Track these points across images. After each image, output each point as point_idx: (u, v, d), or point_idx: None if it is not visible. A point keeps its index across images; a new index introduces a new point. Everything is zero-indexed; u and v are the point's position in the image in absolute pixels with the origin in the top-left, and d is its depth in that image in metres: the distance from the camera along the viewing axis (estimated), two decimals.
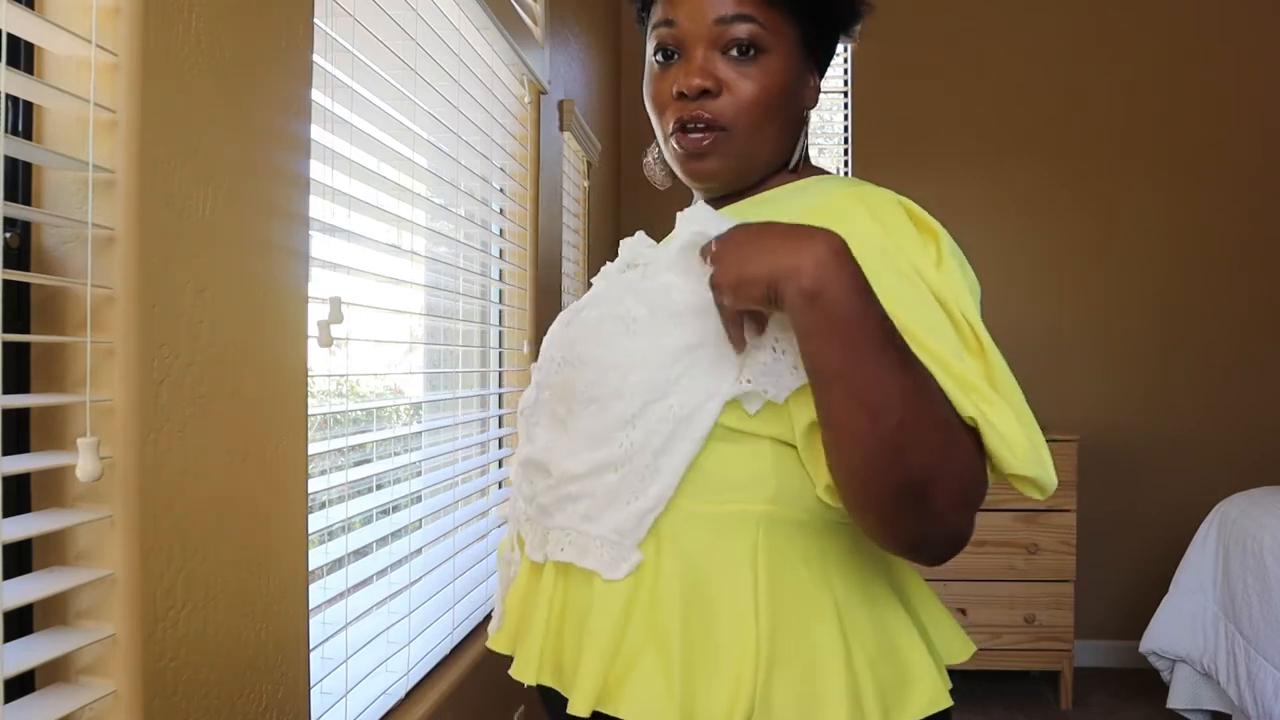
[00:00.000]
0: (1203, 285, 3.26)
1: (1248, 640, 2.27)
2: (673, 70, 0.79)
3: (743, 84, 0.77)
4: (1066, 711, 2.87)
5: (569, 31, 2.59)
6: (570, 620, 0.80)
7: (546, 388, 0.84)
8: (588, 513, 0.78)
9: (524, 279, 2.18)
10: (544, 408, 0.84)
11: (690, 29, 0.76)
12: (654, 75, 0.81)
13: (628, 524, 0.75)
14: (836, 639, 0.73)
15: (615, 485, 0.76)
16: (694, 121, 0.77)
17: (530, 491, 0.84)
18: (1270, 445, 3.23)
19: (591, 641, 0.75)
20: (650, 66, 0.81)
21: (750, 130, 0.78)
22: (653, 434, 0.74)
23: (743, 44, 0.76)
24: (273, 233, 1.04)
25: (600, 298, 0.83)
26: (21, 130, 0.81)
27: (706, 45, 0.77)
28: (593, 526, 0.77)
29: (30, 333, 0.81)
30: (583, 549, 0.78)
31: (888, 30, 3.20)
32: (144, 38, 0.81)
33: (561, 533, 0.80)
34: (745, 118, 0.77)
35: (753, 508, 0.76)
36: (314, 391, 1.18)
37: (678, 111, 0.78)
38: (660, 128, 0.82)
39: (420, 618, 1.59)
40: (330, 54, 1.25)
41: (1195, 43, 3.26)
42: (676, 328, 0.75)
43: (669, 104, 0.79)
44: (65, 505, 0.82)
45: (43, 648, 0.77)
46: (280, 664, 1.07)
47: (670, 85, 0.78)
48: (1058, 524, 2.83)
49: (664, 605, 0.74)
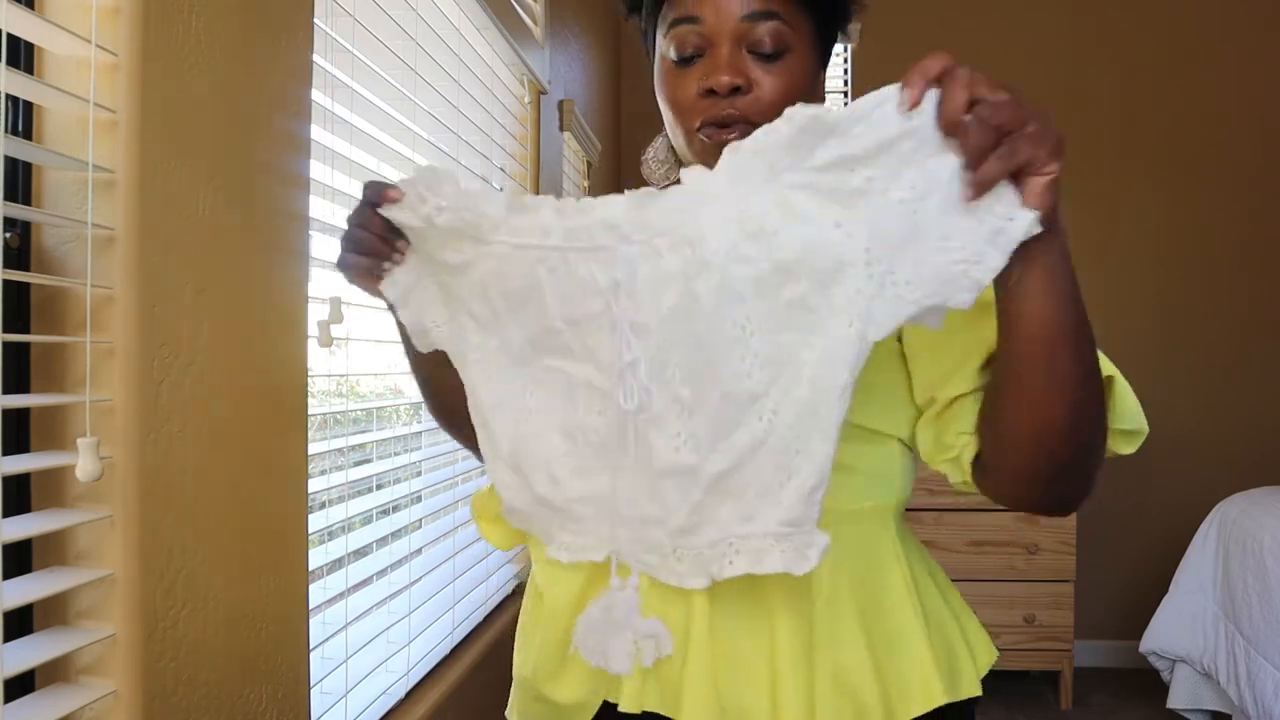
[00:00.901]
0: (1202, 285, 3.26)
1: (1248, 640, 2.27)
2: (696, 68, 0.77)
3: (769, 81, 0.75)
4: (1066, 711, 2.87)
5: (569, 31, 2.59)
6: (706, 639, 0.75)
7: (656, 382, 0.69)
8: (744, 513, 0.68)
9: None
10: (664, 405, 0.69)
11: (716, 26, 0.75)
12: (672, 74, 0.78)
13: (796, 509, 0.66)
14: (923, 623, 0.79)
15: (763, 473, 0.67)
16: (729, 124, 0.76)
17: (659, 513, 0.70)
18: (1270, 445, 3.23)
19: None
20: (666, 65, 0.79)
21: None
22: (789, 403, 0.65)
23: (768, 42, 0.75)
24: (273, 233, 1.04)
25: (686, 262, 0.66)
26: (21, 130, 0.81)
27: (732, 43, 0.75)
28: (755, 525, 0.68)
29: (30, 333, 0.81)
30: (758, 553, 0.68)
31: (888, 30, 3.20)
32: (144, 38, 0.81)
33: (723, 545, 0.69)
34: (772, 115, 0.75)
35: (885, 503, 0.80)
36: (314, 391, 1.18)
37: (707, 110, 0.76)
38: (681, 126, 0.79)
39: (420, 618, 1.59)
40: (330, 54, 1.25)
41: (1195, 43, 3.26)
42: (791, 277, 0.63)
43: (694, 103, 0.77)
44: (65, 505, 0.82)
45: (43, 648, 0.77)
46: (280, 664, 1.07)
47: (694, 83, 0.76)
48: (1058, 524, 2.83)
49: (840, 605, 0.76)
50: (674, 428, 0.68)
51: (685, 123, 0.78)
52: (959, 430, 0.74)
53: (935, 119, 0.57)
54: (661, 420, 0.68)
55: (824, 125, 0.60)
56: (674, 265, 0.65)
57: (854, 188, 0.61)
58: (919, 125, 0.58)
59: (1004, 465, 0.71)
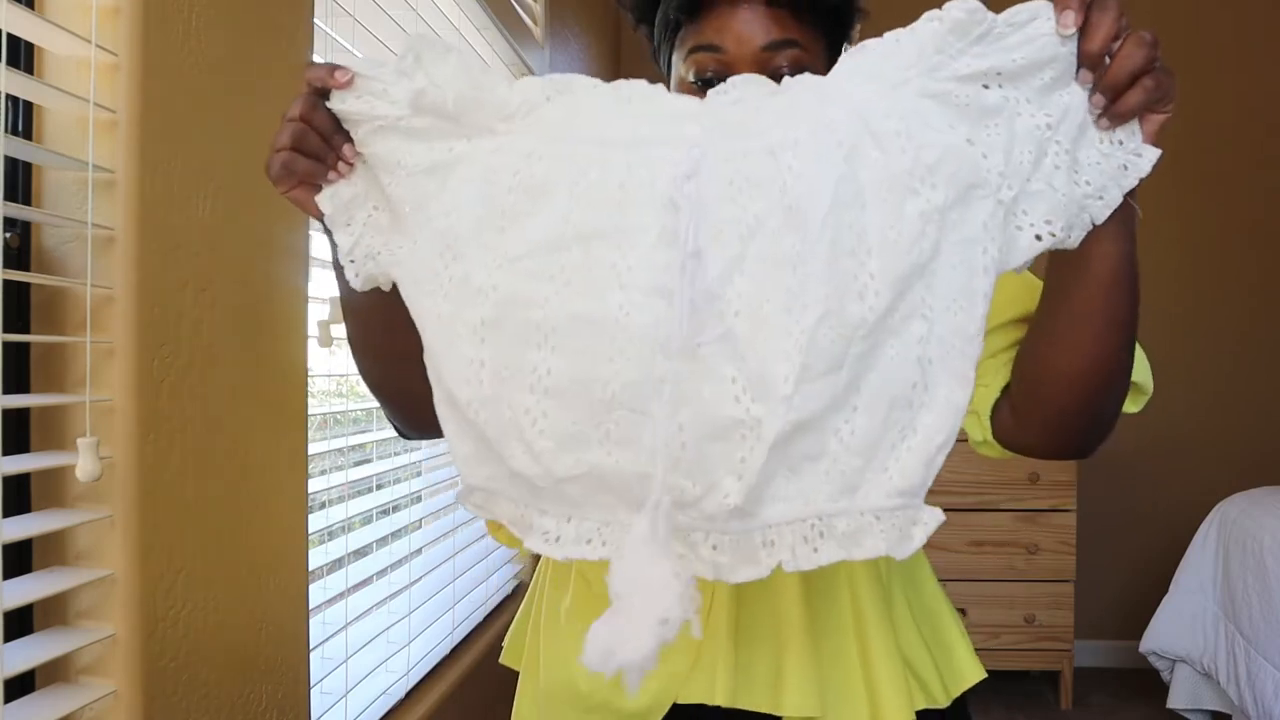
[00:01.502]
0: (1203, 285, 3.26)
1: (1248, 640, 2.27)
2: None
3: None
4: (1066, 711, 2.87)
5: (569, 31, 2.59)
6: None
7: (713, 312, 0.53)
8: (840, 484, 0.54)
9: None
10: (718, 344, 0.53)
11: (737, 54, 0.75)
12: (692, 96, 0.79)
13: (913, 475, 0.55)
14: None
15: (868, 431, 0.54)
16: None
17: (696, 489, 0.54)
18: (1270, 445, 3.22)
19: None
20: (685, 87, 0.78)
21: None
22: (909, 338, 0.54)
23: (786, 68, 0.74)
24: (273, 233, 1.04)
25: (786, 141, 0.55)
26: (21, 130, 0.81)
27: (751, 69, 0.74)
28: (855, 499, 0.54)
29: (30, 333, 0.81)
30: (852, 535, 0.55)
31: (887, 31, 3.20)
32: (144, 38, 0.81)
33: (797, 526, 0.55)
34: None
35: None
36: (314, 391, 1.18)
37: None
38: None
39: (420, 618, 1.59)
40: (330, 54, 1.25)
41: (1198, 42, 3.26)
42: (924, 186, 0.53)
43: None
44: (65, 505, 0.82)
45: (43, 648, 0.77)
46: (280, 664, 1.07)
47: None
48: (1058, 524, 2.83)
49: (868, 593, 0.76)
50: (729, 371, 0.53)
51: None
52: (982, 384, 0.73)
53: (1076, 46, 0.55)
54: (713, 362, 0.53)
55: (980, 28, 0.54)
56: (767, 169, 0.53)
57: (989, 105, 0.55)
58: (1066, 51, 0.55)
59: (1040, 408, 0.70)
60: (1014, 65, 0.54)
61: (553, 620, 0.81)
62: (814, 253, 0.52)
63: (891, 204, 0.53)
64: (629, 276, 0.53)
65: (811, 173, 0.53)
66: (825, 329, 0.52)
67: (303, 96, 0.59)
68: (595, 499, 0.56)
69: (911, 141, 0.54)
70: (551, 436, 0.55)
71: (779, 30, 0.74)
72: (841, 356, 0.52)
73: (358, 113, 0.57)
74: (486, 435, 0.57)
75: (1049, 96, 0.56)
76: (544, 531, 0.58)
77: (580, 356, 0.54)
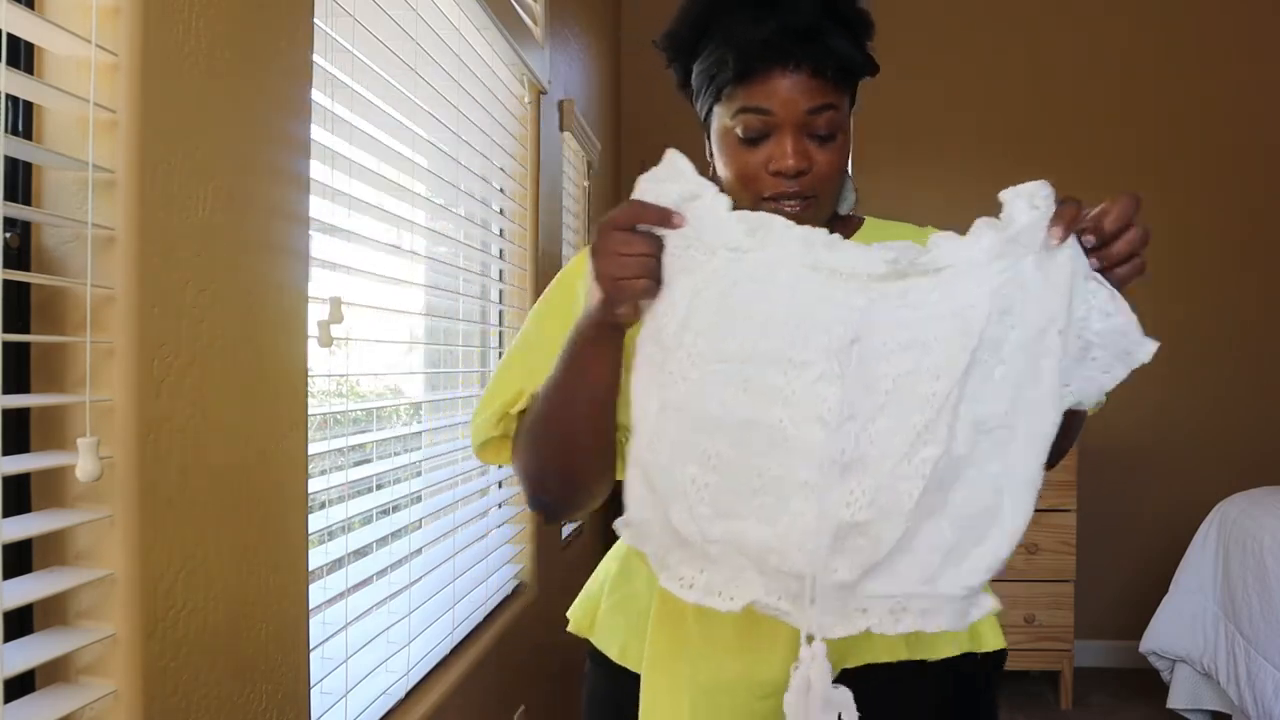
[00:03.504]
0: (1203, 285, 3.26)
1: (1248, 640, 2.27)
2: (763, 149, 0.88)
3: (825, 159, 0.88)
4: (1066, 711, 2.87)
5: (569, 31, 2.59)
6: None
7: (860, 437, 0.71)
8: (923, 575, 0.71)
9: (524, 279, 2.18)
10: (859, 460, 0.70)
11: (784, 116, 0.85)
12: (738, 149, 0.89)
13: (978, 577, 0.72)
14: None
15: (952, 535, 0.71)
16: (794, 197, 0.88)
17: (813, 568, 0.71)
18: (1270, 445, 3.23)
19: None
20: (731, 140, 0.89)
21: (831, 194, 0.92)
22: (990, 474, 0.71)
23: (825, 129, 0.87)
24: (273, 233, 1.04)
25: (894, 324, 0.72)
26: (21, 130, 0.81)
27: (794, 131, 0.86)
28: (937, 586, 0.71)
29: (30, 333, 0.81)
30: (928, 613, 0.72)
31: (887, 31, 3.20)
32: (144, 38, 0.81)
33: (887, 601, 0.71)
34: (829, 185, 0.90)
35: None
36: (314, 391, 1.19)
37: (775, 186, 0.88)
38: (748, 192, 0.89)
39: (420, 618, 1.59)
40: (330, 54, 1.25)
41: (1198, 43, 3.26)
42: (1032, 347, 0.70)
43: (761, 177, 0.88)
44: (65, 505, 0.82)
45: (43, 648, 0.77)
46: (280, 664, 1.07)
47: (763, 162, 0.88)
48: (1058, 524, 2.83)
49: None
50: (858, 486, 0.69)
51: (751, 190, 0.89)
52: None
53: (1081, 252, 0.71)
54: (847, 477, 0.69)
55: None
56: (914, 341, 0.69)
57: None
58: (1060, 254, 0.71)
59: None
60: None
61: (709, 622, 0.87)
62: (938, 406, 0.68)
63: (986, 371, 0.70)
64: (793, 399, 0.70)
65: (943, 351, 0.69)
66: (942, 462, 0.68)
67: (641, 237, 0.72)
68: (730, 559, 0.71)
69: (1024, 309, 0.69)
70: (710, 505, 0.71)
71: (820, 96, 0.86)
72: (948, 482, 0.69)
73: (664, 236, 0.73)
74: (657, 490, 0.72)
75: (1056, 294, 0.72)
76: (680, 577, 0.73)
77: (744, 449, 0.70)
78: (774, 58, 0.84)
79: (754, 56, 0.84)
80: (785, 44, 0.83)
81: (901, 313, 0.70)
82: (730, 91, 0.87)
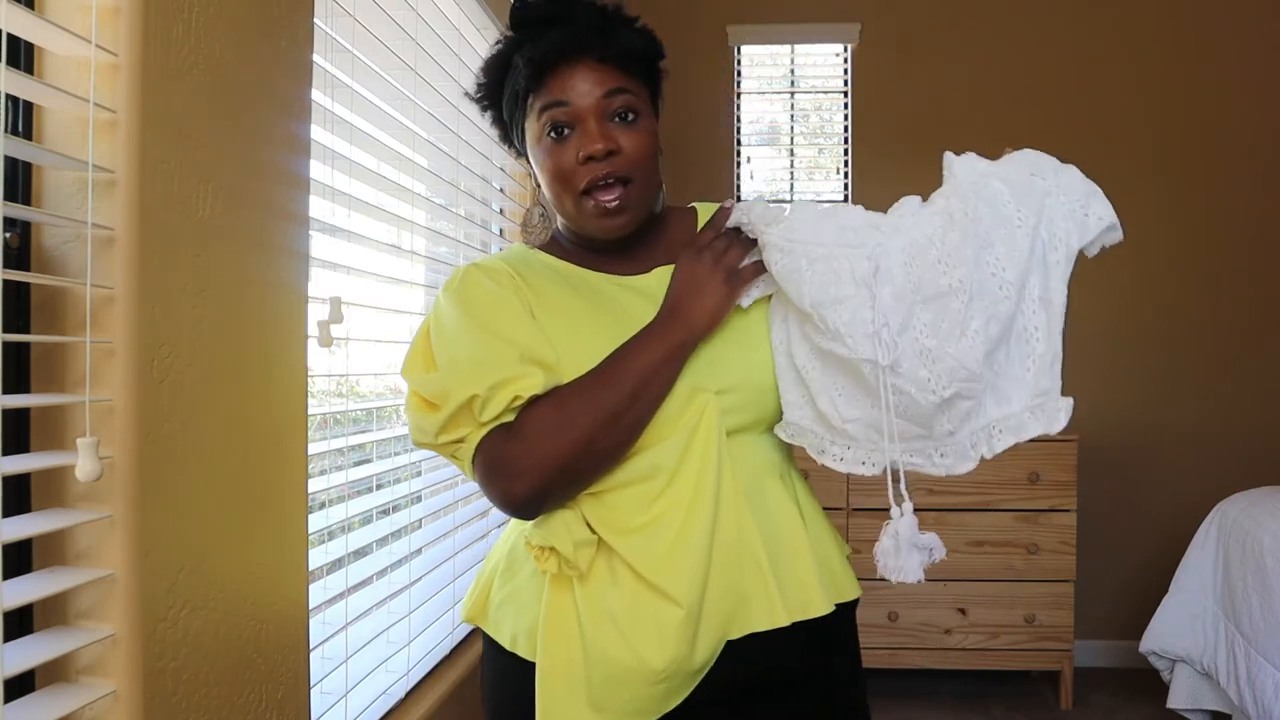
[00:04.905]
0: (1204, 284, 3.26)
1: (1248, 640, 2.27)
2: (571, 142, 0.92)
3: (631, 141, 0.92)
4: (1066, 711, 2.87)
5: None
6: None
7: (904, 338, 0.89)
8: (1000, 401, 0.90)
9: None
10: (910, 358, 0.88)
11: (582, 105, 0.91)
12: (551, 150, 0.93)
13: (1042, 381, 0.89)
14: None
15: (1012, 363, 0.89)
16: (605, 178, 0.92)
17: (923, 431, 0.90)
18: (1270, 445, 3.22)
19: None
20: (544, 143, 0.93)
21: (646, 178, 0.95)
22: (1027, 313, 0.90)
23: (624, 111, 0.92)
24: (273, 233, 1.04)
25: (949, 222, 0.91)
26: (21, 130, 0.81)
27: (596, 116, 0.91)
28: (1013, 405, 0.90)
29: (30, 333, 0.81)
30: (1018, 427, 0.89)
31: (887, 31, 3.20)
32: (144, 38, 0.81)
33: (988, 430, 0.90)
34: (641, 168, 0.94)
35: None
36: (314, 391, 1.19)
37: (588, 174, 0.91)
38: (566, 193, 0.93)
39: (420, 618, 1.59)
40: (330, 54, 1.25)
41: (1202, 38, 3.26)
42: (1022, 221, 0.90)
43: (575, 170, 0.92)
44: (65, 505, 0.82)
45: (43, 648, 0.77)
46: (280, 664, 1.07)
47: (574, 153, 0.92)
48: (1058, 524, 2.83)
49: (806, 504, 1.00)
50: (925, 374, 0.87)
51: (571, 187, 0.92)
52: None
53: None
54: (910, 368, 0.87)
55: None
56: (929, 243, 0.88)
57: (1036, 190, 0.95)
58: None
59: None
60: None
61: (599, 617, 0.89)
62: (971, 281, 0.87)
63: (1007, 238, 0.88)
64: (846, 329, 0.87)
65: (956, 239, 0.88)
66: (991, 323, 0.86)
67: (724, 238, 0.94)
68: (867, 436, 0.92)
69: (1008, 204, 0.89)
70: (845, 398, 0.92)
71: (612, 81, 0.92)
72: (1002, 335, 0.88)
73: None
74: (810, 389, 0.93)
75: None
76: (836, 455, 0.94)
77: (843, 363, 0.90)
78: (562, 53, 0.91)
79: (545, 57, 0.91)
80: (572, 40, 0.91)
81: (914, 233, 0.89)
82: (532, 99, 0.93)
